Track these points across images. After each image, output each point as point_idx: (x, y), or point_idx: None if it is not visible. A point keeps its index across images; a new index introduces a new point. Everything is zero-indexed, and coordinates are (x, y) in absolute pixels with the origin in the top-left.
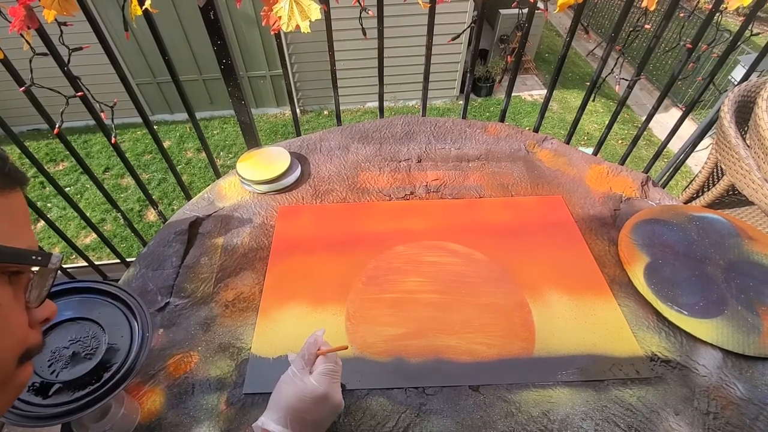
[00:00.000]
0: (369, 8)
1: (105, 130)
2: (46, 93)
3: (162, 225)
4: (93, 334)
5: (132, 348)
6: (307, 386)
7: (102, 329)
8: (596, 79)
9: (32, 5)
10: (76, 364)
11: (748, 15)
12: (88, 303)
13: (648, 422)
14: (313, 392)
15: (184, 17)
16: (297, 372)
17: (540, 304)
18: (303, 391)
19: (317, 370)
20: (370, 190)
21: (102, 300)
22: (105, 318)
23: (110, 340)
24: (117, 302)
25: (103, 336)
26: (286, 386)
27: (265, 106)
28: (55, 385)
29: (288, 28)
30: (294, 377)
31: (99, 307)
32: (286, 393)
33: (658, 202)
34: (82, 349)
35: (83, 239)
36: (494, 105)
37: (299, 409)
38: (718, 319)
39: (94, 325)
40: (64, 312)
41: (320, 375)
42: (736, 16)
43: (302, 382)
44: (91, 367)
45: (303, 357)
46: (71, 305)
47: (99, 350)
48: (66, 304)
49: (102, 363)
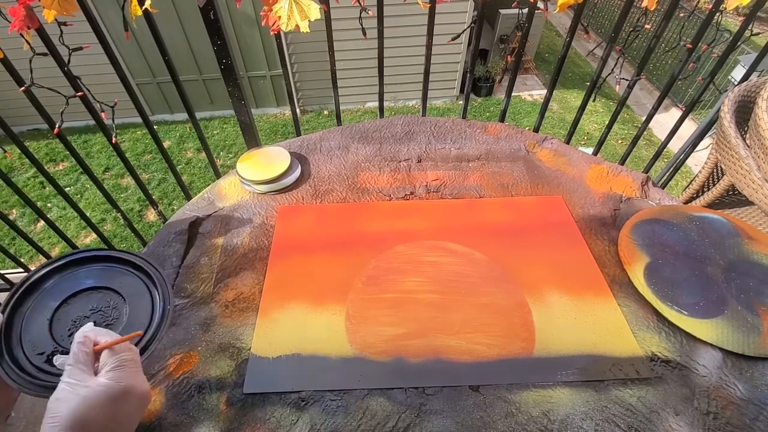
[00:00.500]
0: (369, 8)
1: (105, 130)
2: (46, 93)
3: (162, 225)
4: (114, 304)
5: (153, 319)
6: (98, 391)
7: (123, 299)
8: (596, 79)
9: (32, 5)
10: None
11: (748, 15)
12: (109, 272)
13: (648, 422)
14: (109, 393)
15: (184, 17)
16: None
17: (540, 304)
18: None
19: (106, 368)
20: (370, 190)
21: (123, 269)
22: (126, 288)
23: (131, 310)
24: (139, 272)
25: (124, 306)
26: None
27: (265, 106)
28: None
29: (287, 27)
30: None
31: (120, 277)
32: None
33: (658, 202)
34: (102, 319)
35: (83, 239)
36: (494, 105)
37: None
38: (718, 319)
39: (115, 295)
40: (85, 280)
41: (113, 371)
42: (736, 16)
43: (87, 388)
44: None
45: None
46: (93, 273)
47: (120, 321)
48: (88, 272)
49: (122, 333)
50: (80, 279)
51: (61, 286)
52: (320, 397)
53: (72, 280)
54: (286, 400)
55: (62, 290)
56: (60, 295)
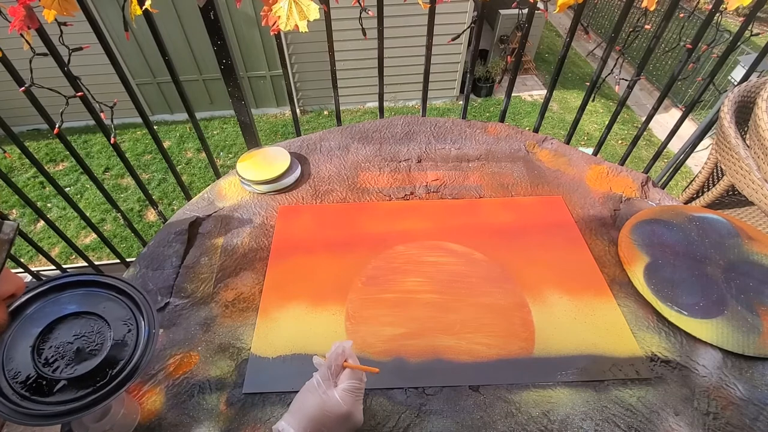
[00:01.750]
0: (369, 8)
1: (105, 130)
2: (46, 93)
3: (162, 225)
4: (98, 329)
5: (138, 345)
6: (331, 401)
7: (107, 325)
8: (596, 79)
9: (32, 5)
10: (81, 360)
11: (748, 15)
12: (92, 297)
13: (648, 422)
14: (337, 409)
15: (184, 17)
16: (322, 383)
17: (540, 305)
18: (326, 406)
19: (342, 386)
20: (370, 190)
21: (107, 294)
22: (110, 313)
23: (115, 336)
24: (122, 297)
25: (108, 332)
26: (309, 395)
27: (265, 106)
28: (60, 382)
29: (286, 27)
30: (318, 388)
31: (104, 302)
32: (308, 403)
33: (658, 202)
34: (86, 345)
35: (83, 239)
36: (494, 105)
37: (320, 423)
38: (718, 319)
39: (99, 320)
40: (68, 306)
41: (345, 392)
42: (735, 16)
43: (326, 395)
44: (96, 364)
45: (329, 366)
46: (75, 299)
47: (104, 346)
48: (70, 298)
49: (107, 360)
50: (63, 304)
51: (43, 311)
52: None
53: (54, 305)
54: (286, 400)
55: (45, 315)
56: (42, 321)
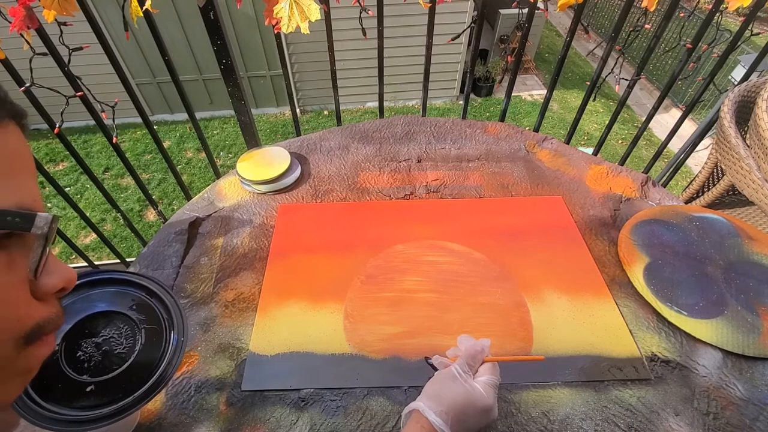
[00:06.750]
0: (369, 8)
1: (105, 130)
2: (46, 93)
3: (162, 225)
4: (127, 332)
5: (165, 352)
6: (476, 392)
7: (137, 327)
8: (596, 79)
9: (32, 5)
10: (108, 363)
11: (748, 15)
12: (123, 296)
13: (648, 422)
14: (481, 401)
15: (184, 17)
16: (463, 373)
17: (538, 304)
18: (471, 396)
19: (483, 379)
20: (370, 190)
21: (138, 295)
22: (140, 315)
23: (144, 340)
24: (154, 299)
25: (138, 335)
26: (452, 384)
27: (265, 106)
28: (89, 387)
29: (288, 29)
30: (460, 377)
31: (135, 303)
32: (452, 390)
33: (658, 202)
34: (114, 347)
35: (83, 239)
36: (494, 105)
37: (462, 412)
38: (717, 319)
39: (128, 322)
40: (98, 303)
41: (487, 385)
42: (736, 16)
43: (470, 386)
44: (123, 368)
45: (469, 362)
46: (106, 297)
47: (132, 350)
48: (101, 295)
49: (134, 365)
50: (93, 301)
51: (73, 307)
52: (320, 397)
53: (84, 302)
54: (286, 400)
55: (75, 312)
56: (71, 318)
